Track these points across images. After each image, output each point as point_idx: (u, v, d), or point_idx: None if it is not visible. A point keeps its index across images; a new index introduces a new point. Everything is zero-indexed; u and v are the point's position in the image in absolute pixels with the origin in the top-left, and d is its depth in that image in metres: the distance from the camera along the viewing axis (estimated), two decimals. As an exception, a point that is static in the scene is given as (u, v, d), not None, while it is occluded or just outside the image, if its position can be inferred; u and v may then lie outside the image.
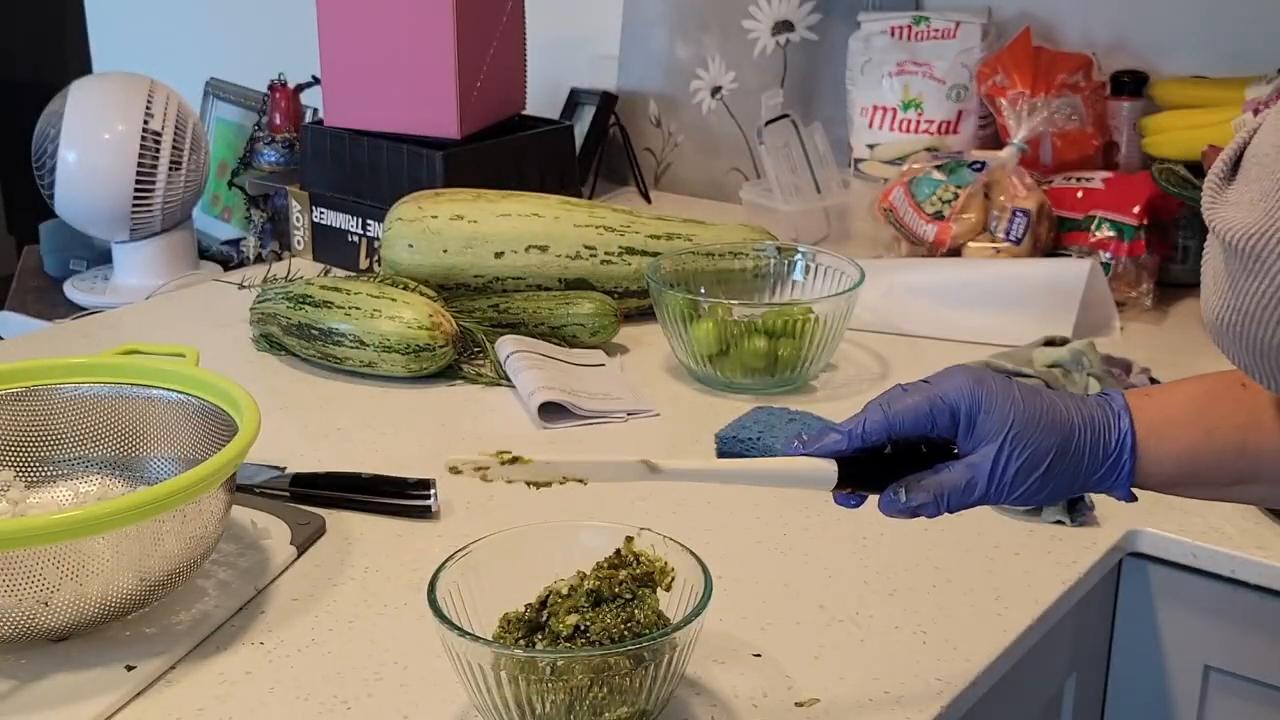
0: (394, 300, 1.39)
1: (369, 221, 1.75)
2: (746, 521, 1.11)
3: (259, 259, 2.02)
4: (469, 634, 0.80)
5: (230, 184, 2.29)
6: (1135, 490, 0.82)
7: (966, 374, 0.81)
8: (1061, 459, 0.79)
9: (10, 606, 0.86)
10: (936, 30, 1.84)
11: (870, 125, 1.88)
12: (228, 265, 2.18)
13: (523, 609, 0.85)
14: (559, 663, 0.78)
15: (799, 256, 1.48)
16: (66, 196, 1.99)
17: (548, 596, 0.85)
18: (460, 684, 0.83)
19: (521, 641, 0.83)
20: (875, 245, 1.72)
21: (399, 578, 1.03)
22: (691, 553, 0.86)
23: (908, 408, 0.81)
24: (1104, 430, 0.80)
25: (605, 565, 0.86)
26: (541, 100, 2.08)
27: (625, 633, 0.81)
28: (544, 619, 0.84)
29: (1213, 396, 0.82)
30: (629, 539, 0.87)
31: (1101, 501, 1.11)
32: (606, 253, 1.52)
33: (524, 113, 1.90)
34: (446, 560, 0.85)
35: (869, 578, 1.02)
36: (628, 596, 0.83)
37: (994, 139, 1.79)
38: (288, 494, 1.14)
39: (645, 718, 0.82)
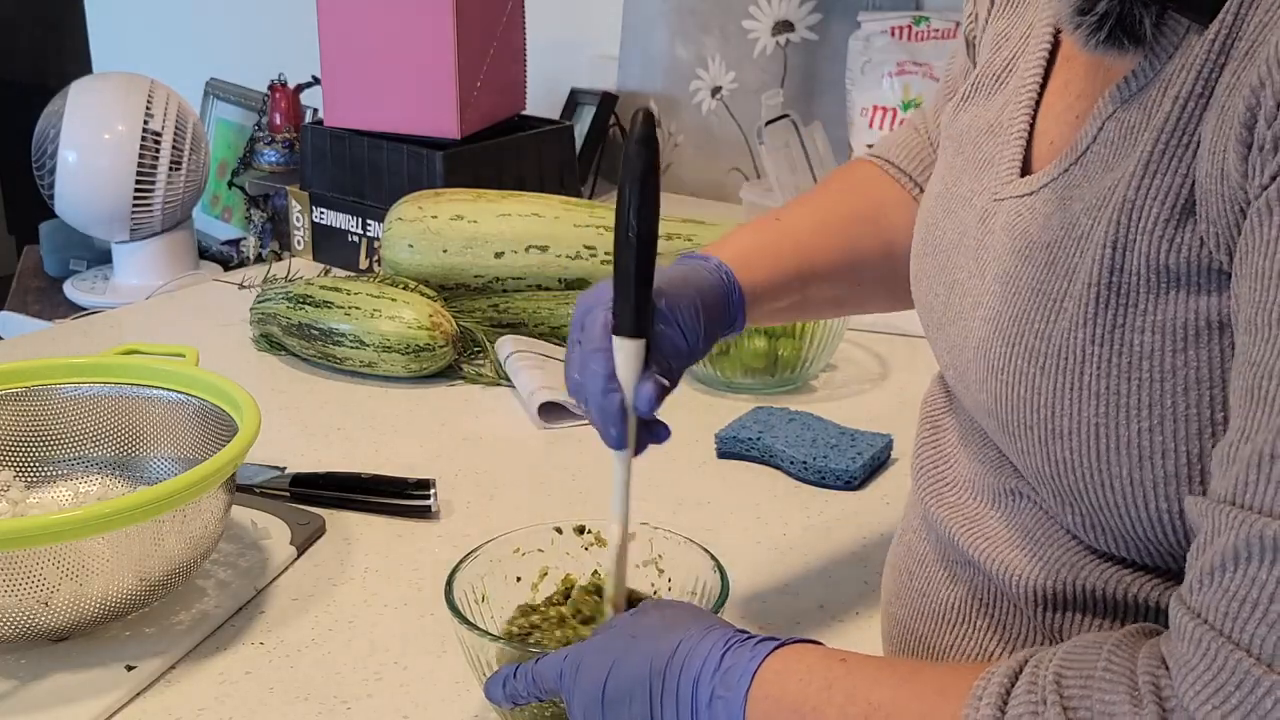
0: (394, 300, 1.39)
1: (369, 221, 1.75)
2: (746, 521, 1.11)
3: (259, 259, 2.02)
4: (495, 636, 0.80)
5: (230, 184, 2.30)
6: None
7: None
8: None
9: (10, 606, 0.86)
10: (936, 30, 1.85)
11: (870, 125, 1.88)
12: (228, 265, 2.18)
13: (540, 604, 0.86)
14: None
15: (799, 256, 1.48)
16: (66, 196, 1.99)
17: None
18: (476, 682, 0.83)
19: (524, 638, 0.83)
20: (875, 245, 1.72)
21: (399, 578, 1.03)
22: (709, 554, 0.86)
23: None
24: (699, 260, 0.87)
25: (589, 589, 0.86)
26: (541, 100, 2.08)
27: None
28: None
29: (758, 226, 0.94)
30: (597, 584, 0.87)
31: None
32: (607, 253, 1.52)
33: (524, 113, 1.90)
34: (461, 561, 0.85)
35: (869, 578, 1.02)
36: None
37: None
38: (288, 494, 1.14)
39: None
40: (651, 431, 0.80)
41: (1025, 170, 0.70)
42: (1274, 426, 0.50)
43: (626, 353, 0.76)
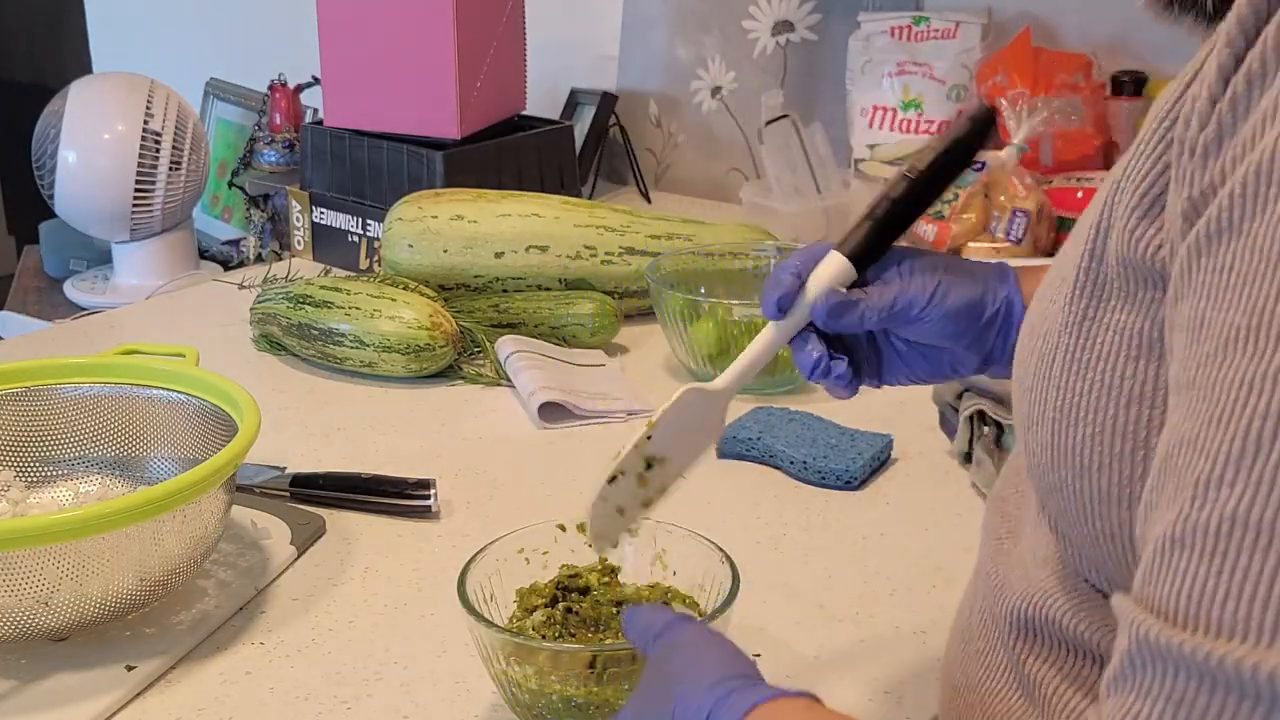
0: (394, 300, 1.39)
1: (369, 221, 1.75)
2: (746, 521, 1.11)
3: (259, 259, 2.02)
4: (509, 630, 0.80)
5: (230, 184, 2.30)
6: None
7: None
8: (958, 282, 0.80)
9: (10, 606, 0.86)
10: (936, 30, 1.85)
11: (870, 125, 1.88)
12: (228, 265, 2.18)
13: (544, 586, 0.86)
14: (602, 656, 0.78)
15: (799, 256, 1.48)
16: (66, 196, 1.99)
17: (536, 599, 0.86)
18: (478, 681, 0.83)
19: (547, 636, 0.83)
20: (875, 245, 1.72)
21: (399, 578, 1.03)
22: (716, 546, 0.86)
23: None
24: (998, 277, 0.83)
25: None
26: (541, 100, 2.08)
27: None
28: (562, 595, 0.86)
29: None
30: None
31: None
32: (606, 253, 1.53)
33: (524, 113, 1.90)
34: (470, 561, 0.85)
35: (868, 578, 1.02)
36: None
37: (994, 139, 1.79)
38: (288, 494, 1.14)
39: None
40: (817, 357, 0.84)
41: None
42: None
43: (830, 262, 0.79)
